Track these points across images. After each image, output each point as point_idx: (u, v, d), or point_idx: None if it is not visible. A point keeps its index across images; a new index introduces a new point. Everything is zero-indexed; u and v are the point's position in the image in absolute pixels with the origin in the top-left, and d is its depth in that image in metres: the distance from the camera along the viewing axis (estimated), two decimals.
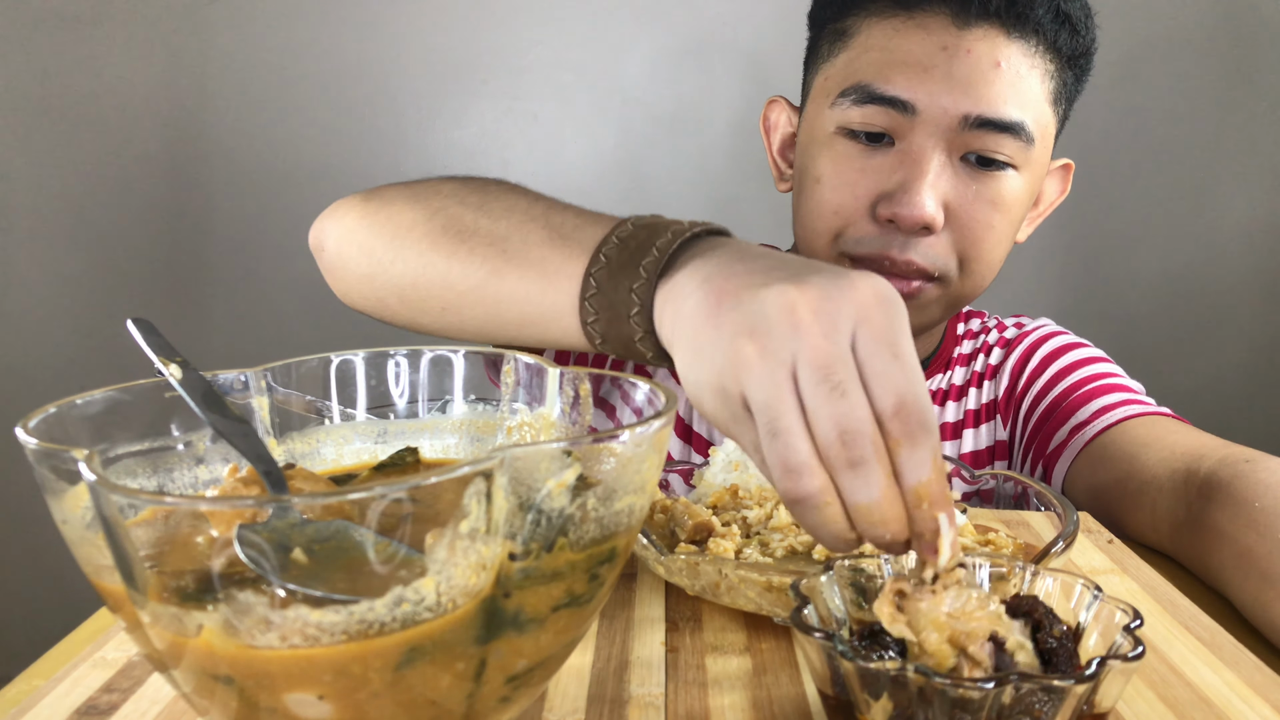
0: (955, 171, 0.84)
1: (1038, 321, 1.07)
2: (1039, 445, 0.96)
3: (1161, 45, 2.03)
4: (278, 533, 0.34)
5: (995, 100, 0.81)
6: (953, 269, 0.87)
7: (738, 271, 0.48)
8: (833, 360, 0.42)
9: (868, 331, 0.43)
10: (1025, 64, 0.83)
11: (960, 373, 1.05)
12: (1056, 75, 0.86)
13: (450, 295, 0.66)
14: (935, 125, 0.82)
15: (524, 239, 0.62)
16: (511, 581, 0.34)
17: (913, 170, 0.82)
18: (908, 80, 0.81)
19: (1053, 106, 0.87)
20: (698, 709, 0.47)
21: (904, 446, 0.42)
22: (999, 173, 0.84)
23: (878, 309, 0.43)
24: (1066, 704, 0.37)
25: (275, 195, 1.97)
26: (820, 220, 0.87)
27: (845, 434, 0.41)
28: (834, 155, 0.86)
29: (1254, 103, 2.06)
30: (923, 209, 0.81)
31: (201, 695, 0.34)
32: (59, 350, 1.99)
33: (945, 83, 0.81)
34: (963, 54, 0.81)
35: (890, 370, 0.42)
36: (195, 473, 0.47)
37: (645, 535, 0.58)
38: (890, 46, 0.83)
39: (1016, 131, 0.82)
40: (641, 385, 0.47)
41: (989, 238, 0.86)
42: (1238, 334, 2.17)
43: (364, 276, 0.73)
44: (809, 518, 0.43)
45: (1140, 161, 2.09)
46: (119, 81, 1.92)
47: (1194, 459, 0.77)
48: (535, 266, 0.60)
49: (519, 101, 2.01)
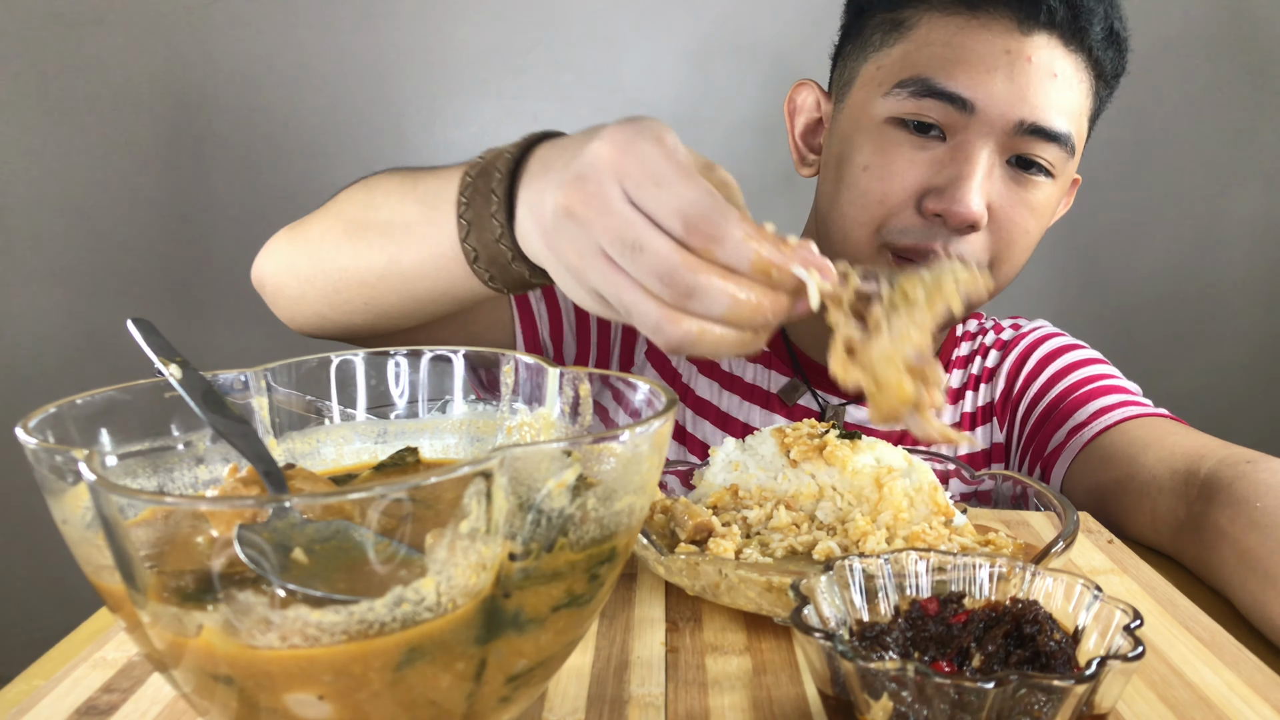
0: (1001, 174, 0.85)
1: (1034, 323, 1.07)
2: (1037, 447, 0.96)
3: (1161, 46, 2.03)
4: (278, 533, 0.34)
5: (1049, 109, 0.83)
6: (983, 266, 0.87)
7: (550, 177, 0.51)
8: (617, 227, 0.46)
9: (629, 181, 0.46)
10: (1076, 78, 0.85)
11: (958, 375, 1.05)
12: (1095, 94, 0.88)
13: (367, 290, 0.70)
14: (991, 126, 0.82)
15: (404, 217, 0.66)
16: (511, 581, 0.34)
17: (965, 167, 0.83)
18: (970, 79, 0.82)
19: (1089, 123, 0.89)
20: (698, 709, 0.47)
21: (714, 247, 0.45)
22: (1039, 179, 0.86)
23: (626, 158, 0.47)
24: (1066, 704, 0.37)
25: (275, 195, 1.97)
26: (863, 210, 0.87)
27: (663, 276, 0.45)
28: (883, 144, 0.86)
29: (1254, 103, 2.06)
30: (971, 206, 0.82)
31: (201, 695, 0.34)
32: (59, 350, 1.99)
33: (1006, 86, 0.82)
34: (1024, 60, 0.82)
35: (661, 197, 0.45)
36: (195, 473, 0.47)
37: (645, 535, 0.58)
38: (954, 43, 0.83)
39: (1063, 142, 0.84)
40: (641, 385, 0.47)
41: (1022, 241, 0.88)
42: (1238, 334, 2.17)
43: (298, 298, 0.77)
44: (705, 349, 0.47)
45: (1140, 162, 2.09)
46: (119, 81, 1.91)
47: (1194, 459, 0.77)
48: (417, 236, 0.64)
49: (519, 101, 2.01)
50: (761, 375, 1.01)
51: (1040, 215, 0.88)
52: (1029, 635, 0.41)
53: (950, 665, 0.41)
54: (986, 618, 0.43)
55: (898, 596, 0.46)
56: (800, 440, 0.65)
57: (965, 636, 0.42)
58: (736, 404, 1.00)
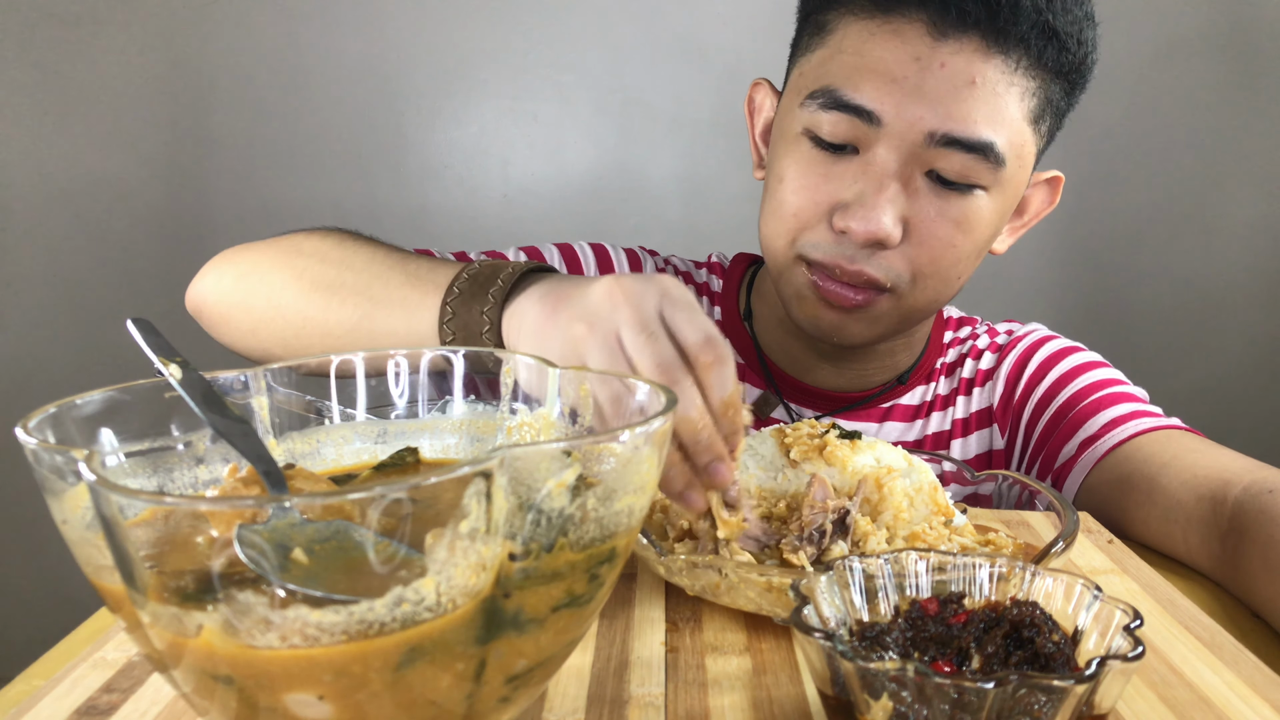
0: (918, 188, 0.81)
1: (1029, 326, 1.05)
2: (1046, 456, 0.93)
3: (1162, 48, 2.03)
4: (278, 533, 0.34)
5: (965, 118, 0.78)
6: (905, 281, 0.84)
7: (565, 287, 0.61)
8: (644, 319, 0.55)
9: (669, 302, 0.56)
10: (1003, 82, 0.78)
11: (945, 382, 1.03)
12: (1039, 92, 0.81)
13: (330, 340, 0.76)
14: (900, 139, 0.79)
15: (385, 284, 0.74)
16: (511, 581, 0.34)
17: (871, 184, 0.80)
18: (875, 89, 0.78)
19: (1033, 125, 0.82)
20: (698, 709, 0.47)
21: (714, 368, 0.54)
22: (965, 194, 0.81)
23: (675, 288, 0.57)
24: (1066, 704, 0.37)
25: (275, 195, 1.98)
26: (780, 221, 0.86)
27: (661, 365, 0.53)
28: (798, 158, 0.84)
29: (1254, 104, 2.06)
30: (878, 224, 0.79)
31: (201, 695, 0.34)
32: (59, 350, 1.99)
33: (914, 96, 0.77)
34: (935, 67, 0.77)
35: (693, 319, 0.55)
36: (195, 473, 0.47)
37: (645, 535, 0.58)
38: (863, 51, 0.80)
39: (985, 153, 0.79)
40: (642, 385, 0.47)
41: (948, 256, 0.83)
42: (1238, 335, 2.17)
43: (248, 332, 0.82)
44: None
45: (1140, 163, 2.09)
46: (119, 81, 1.92)
47: (1219, 485, 0.74)
48: (399, 305, 0.72)
49: (519, 101, 2.01)
50: None
51: (971, 229, 0.83)
52: (1029, 635, 0.41)
53: (950, 665, 0.41)
54: (986, 618, 0.43)
55: (898, 596, 0.46)
56: (800, 440, 0.65)
57: (965, 637, 0.42)
58: None
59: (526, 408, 0.53)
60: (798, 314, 0.89)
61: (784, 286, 0.89)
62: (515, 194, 2.04)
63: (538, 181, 2.04)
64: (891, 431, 1.00)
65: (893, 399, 1.01)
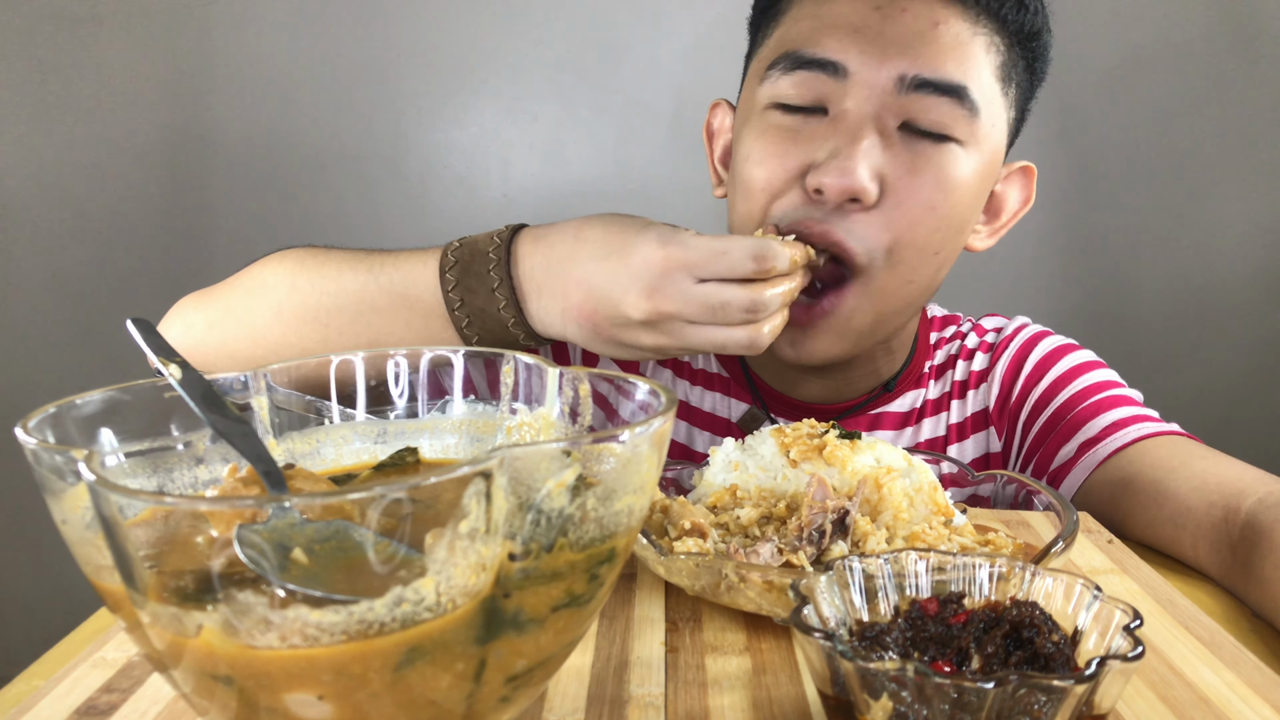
0: (893, 141, 0.78)
1: (1017, 322, 1.02)
2: (1042, 457, 0.92)
3: (1161, 48, 2.03)
4: (278, 533, 0.34)
5: (934, 59, 0.76)
6: (879, 258, 0.79)
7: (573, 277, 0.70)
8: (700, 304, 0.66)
9: (696, 269, 0.66)
10: (967, 30, 0.77)
11: (935, 386, 1.00)
12: (1004, 51, 0.80)
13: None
14: (869, 88, 0.76)
15: (373, 309, 0.75)
16: (511, 582, 0.34)
17: (843, 136, 0.76)
18: (838, 42, 0.77)
19: (1000, 84, 0.80)
20: (698, 709, 0.47)
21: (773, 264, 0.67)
22: (942, 145, 0.78)
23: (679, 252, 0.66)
24: (1066, 704, 0.37)
25: (275, 195, 1.97)
26: (749, 200, 0.82)
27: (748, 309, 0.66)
28: (763, 129, 0.81)
29: (1254, 104, 2.06)
30: (853, 176, 0.75)
31: (201, 695, 0.34)
32: (59, 350, 1.99)
33: (878, 42, 0.76)
34: (897, 13, 0.76)
35: (729, 259, 0.66)
36: (195, 473, 0.47)
37: (645, 535, 0.58)
38: (820, 13, 0.78)
39: (959, 95, 0.76)
40: (641, 385, 0.47)
41: (928, 220, 0.78)
42: (1238, 336, 2.17)
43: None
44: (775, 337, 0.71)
45: (1140, 163, 2.09)
46: (119, 81, 1.91)
47: (1233, 494, 0.73)
48: (391, 315, 0.74)
49: (519, 101, 2.01)
50: (721, 404, 0.98)
51: (951, 189, 0.78)
52: (1029, 636, 0.41)
53: (950, 665, 0.41)
54: (986, 618, 0.43)
55: (897, 596, 0.46)
56: (800, 440, 0.65)
57: (965, 637, 0.42)
58: (696, 434, 0.98)
59: (526, 408, 0.53)
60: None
61: None
62: (515, 194, 2.04)
63: (538, 181, 2.04)
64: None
65: (880, 406, 0.98)
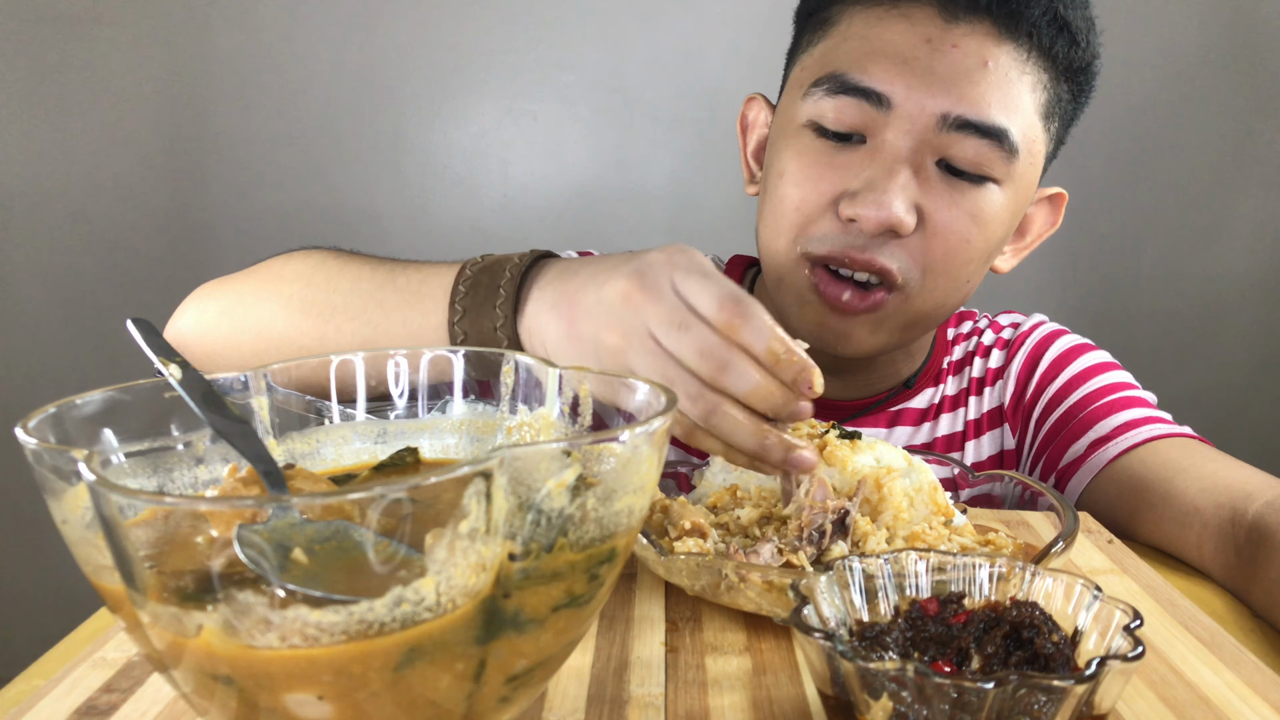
0: (930, 176, 0.78)
1: (1034, 319, 1.02)
2: (1051, 455, 0.92)
3: (1163, 48, 2.03)
4: (278, 533, 0.34)
5: (979, 101, 0.75)
6: (915, 278, 0.80)
7: (573, 290, 0.61)
8: (670, 313, 0.55)
9: (678, 273, 0.56)
10: (1015, 69, 0.77)
11: (953, 382, 1.00)
12: (1050, 87, 0.80)
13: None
14: (911, 122, 0.76)
15: (380, 305, 0.72)
16: (511, 582, 0.34)
17: (881, 170, 0.77)
18: (885, 71, 0.76)
19: (1043, 120, 0.81)
20: (698, 709, 0.47)
21: (742, 325, 0.54)
22: (978, 185, 0.78)
23: (677, 254, 0.58)
24: (1066, 704, 0.37)
25: (275, 195, 1.97)
26: (781, 218, 0.82)
27: (703, 350, 0.54)
28: (800, 149, 0.81)
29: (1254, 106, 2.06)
30: (889, 209, 0.75)
31: (201, 695, 0.34)
32: (59, 350, 1.99)
33: (925, 77, 0.75)
34: (947, 48, 0.75)
35: (705, 286, 0.55)
36: (195, 473, 0.47)
37: (645, 535, 0.58)
38: (870, 36, 0.78)
39: (1000, 139, 0.76)
40: (641, 385, 0.47)
41: (962, 251, 0.80)
42: (1239, 336, 2.17)
43: (237, 367, 0.83)
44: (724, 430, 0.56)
45: (1141, 164, 2.09)
46: (119, 81, 1.91)
47: (1239, 497, 0.73)
48: (400, 326, 0.71)
49: (519, 101, 2.01)
50: None
51: (985, 225, 0.79)
52: (1029, 636, 0.41)
53: (950, 665, 0.41)
54: (986, 618, 0.43)
55: (897, 597, 0.46)
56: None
57: (965, 637, 0.42)
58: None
59: (526, 408, 0.53)
60: (799, 321, 0.85)
61: (784, 293, 0.85)
62: (515, 194, 2.04)
63: (538, 181, 2.04)
64: (900, 436, 0.98)
65: (899, 404, 0.99)
